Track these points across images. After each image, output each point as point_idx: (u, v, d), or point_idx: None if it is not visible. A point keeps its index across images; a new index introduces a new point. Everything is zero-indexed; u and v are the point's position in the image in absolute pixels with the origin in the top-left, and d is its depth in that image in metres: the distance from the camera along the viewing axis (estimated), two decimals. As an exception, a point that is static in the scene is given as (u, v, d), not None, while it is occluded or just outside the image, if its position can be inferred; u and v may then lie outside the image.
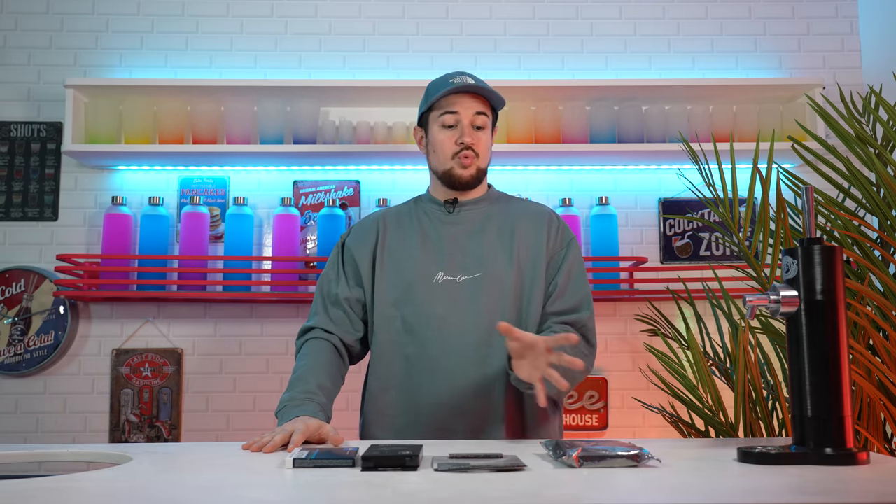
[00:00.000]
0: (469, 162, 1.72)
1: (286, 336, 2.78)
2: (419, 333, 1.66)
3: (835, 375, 1.17)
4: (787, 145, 2.19)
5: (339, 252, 1.80)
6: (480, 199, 1.79)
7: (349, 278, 1.75)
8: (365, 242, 1.77)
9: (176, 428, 2.72)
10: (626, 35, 2.95)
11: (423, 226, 1.76)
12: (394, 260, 1.73)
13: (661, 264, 2.85)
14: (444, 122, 1.73)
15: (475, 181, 1.76)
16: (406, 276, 1.70)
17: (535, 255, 1.72)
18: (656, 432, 2.73)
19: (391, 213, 1.84)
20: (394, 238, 1.76)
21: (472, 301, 1.66)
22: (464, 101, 1.73)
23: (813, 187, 1.30)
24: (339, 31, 2.91)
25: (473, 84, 1.72)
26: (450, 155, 1.73)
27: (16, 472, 1.27)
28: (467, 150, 1.72)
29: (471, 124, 1.73)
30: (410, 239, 1.75)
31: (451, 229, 1.75)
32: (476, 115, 1.73)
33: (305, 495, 1.00)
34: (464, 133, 1.71)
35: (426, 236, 1.74)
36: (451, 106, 1.73)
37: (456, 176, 1.74)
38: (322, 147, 2.70)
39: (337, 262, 1.79)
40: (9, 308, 2.74)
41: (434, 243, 1.73)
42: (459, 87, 1.71)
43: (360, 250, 1.76)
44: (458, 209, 1.77)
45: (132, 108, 2.72)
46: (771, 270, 1.91)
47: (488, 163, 1.79)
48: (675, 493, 0.98)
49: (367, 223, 1.82)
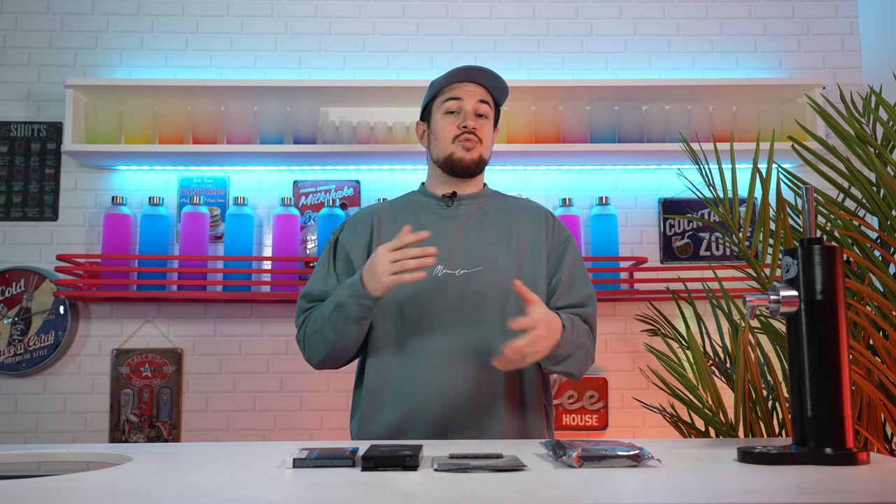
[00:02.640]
0: (472, 145, 1.72)
1: (286, 336, 2.78)
2: (418, 327, 1.65)
3: (835, 375, 1.17)
4: (787, 145, 2.19)
5: (332, 249, 1.78)
6: (478, 194, 1.79)
7: (340, 277, 1.73)
8: (359, 237, 1.75)
9: (176, 428, 2.72)
10: (626, 35, 2.95)
11: (421, 219, 1.75)
12: None
13: (661, 264, 2.85)
14: (447, 108, 1.74)
15: (476, 168, 1.75)
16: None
17: (534, 251, 1.72)
18: (656, 432, 2.73)
19: (385, 207, 1.82)
20: (389, 231, 1.73)
21: (472, 294, 1.66)
22: (467, 88, 1.74)
23: (813, 187, 1.30)
24: (339, 31, 2.91)
25: (477, 67, 1.74)
26: (451, 138, 1.73)
27: (16, 472, 1.27)
28: (470, 134, 1.72)
29: (473, 111, 1.74)
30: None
31: (449, 223, 1.74)
32: (479, 102, 1.74)
33: (305, 495, 1.00)
34: (467, 118, 1.72)
35: (423, 229, 1.71)
36: (454, 92, 1.74)
37: (457, 159, 1.73)
38: (322, 147, 2.70)
39: (328, 261, 1.76)
40: (9, 308, 2.74)
41: (432, 237, 1.70)
42: (464, 70, 1.74)
43: (354, 245, 1.74)
44: (456, 203, 1.76)
45: (132, 108, 2.72)
46: (771, 270, 1.91)
47: (489, 155, 1.79)
48: (675, 493, 0.98)
49: (361, 217, 1.80)
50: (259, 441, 2.63)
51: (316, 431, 2.73)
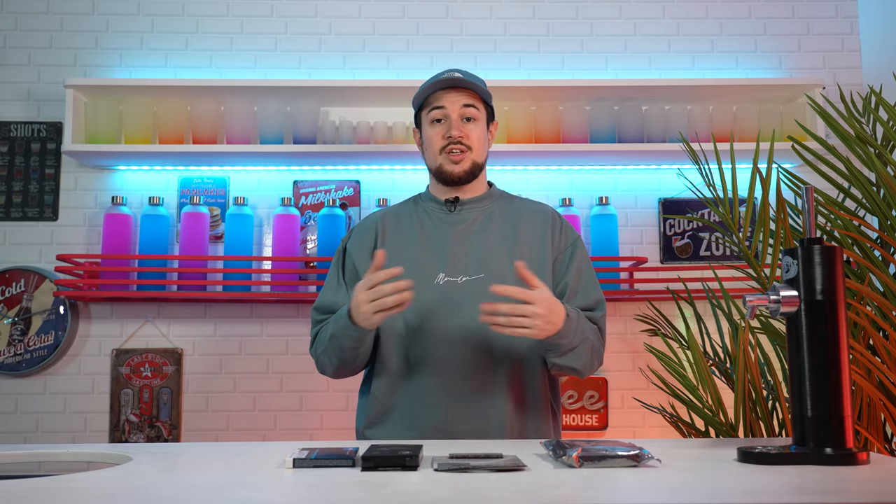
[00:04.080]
0: (459, 157, 1.71)
1: (286, 336, 2.78)
2: (421, 335, 1.64)
3: (835, 375, 1.17)
4: (787, 145, 2.19)
5: (341, 258, 1.78)
6: (481, 197, 1.77)
7: (349, 288, 1.73)
8: (364, 245, 1.75)
9: (176, 428, 2.72)
10: (626, 35, 2.95)
11: (424, 225, 1.75)
12: (393, 262, 1.68)
13: (661, 264, 2.85)
14: (432, 117, 1.73)
15: (468, 176, 1.73)
16: (406, 278, 1.66)
17: (539, 256, 1.70)
18: (656, 432, 2.73)
19: (390, 213, 1.82)
20: (393, 239, 1.74)
21: (474, 302, 1.62)
22: (450, 96, 1.71)
23: (813, 187, 1.30)
24: (339, 31, 2.91)
25: (456, 77, 1.71)
26: (438, 150, 1.72)
27: (16, 472, 1.27)
28: (456, 145, 1.70)
29: (460, 118, 1.71)
30: (411, 239, 1.73)
31: (452, 229, 1.73)
32: (464, 107, 1.71)
33: (305, 495, 1.00)
34: (451, 127, 1.70)
35: (427, 236, 1.73)
36: (438, 101, 1.72)
37: (446, 172, 1.72)
38: (322, 147, 2.70)
39: (337, 271, 1.78)
40: (9, 308, 2.74)
41: (435, 243, 1.71)
42: (442, 82, 1.71)
43: (360, 254, 1.74)
44: (459, 208, 1.75)
45: (132, 108, 2.72)
46: (771, 270, 1.91)
47: (485, 157, 1.77)
48: (675, 493, 0.98)
49: (367, 225, 1.80)
50: (259, 441, 2.63)
51: (316, 431, 2.73)
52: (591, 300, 1.69)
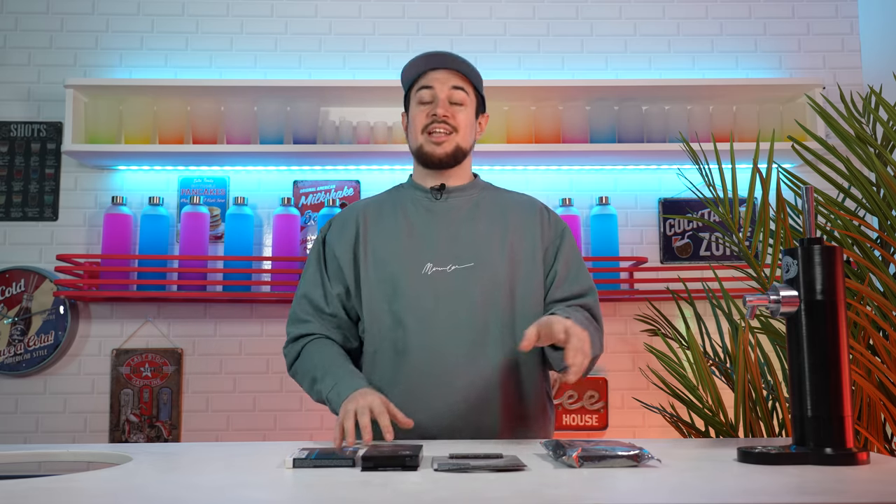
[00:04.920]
0: (441, 139, 1.65)
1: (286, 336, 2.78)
2: (409, 328, 1.59)
3: (835, 375, 1.17)
4: (787, 145, 2.19)
5: (321, 249, 1.72)
6: (468, 185, 1.72)
7: (332, 280, 1.68)
8: (344, 239, 1.69)
9: (176, 428, 2.72)
10: (625, 35, 2.95)
11: (408, 214, 1.69)
12: (377, 254, 1.65)
13: (661, 264, 2.85)
14: (420, 98, 1.68)
15: (450, 159, 1.67)
16: (391, 270, 1.62)
17: (529, 248, 1.65)
18: (656, 432, 2.73)
19: (371, 203, 1.75)
20: (375, 230, 1.68)
21: (465, 292, 1.59)
22: (438, 75, 1.67)
23: (813, 187, 1.30)
24: (339, 31, 2.91)
25: (442, 53, 1.67)
26: (420, 129, 1.67)
27: (16, 472, 1.27)
28: (441, 124, 1.64)
29: (447, 99, 1.66)
30: (393, 230, 1.67)
31: (438, 217, 1.67)
32: (453, 89, 1.67)
33: (305, 495, 1.00)
34: (437, 106, 1.65)
35: (412, 226, 1.67)
36: (426, 80, 1.68)
37: (427, 153, 1.67)
38: (322, 147, 2.70)
39: (318, 262, 1.70)
40: (9, 308, 2.74)
41: (420, 233, 1.65)
42: (431, 57, 1.66)
43: (341, 248, 1.68)
44: (445, 196, 1.69)
45: (132, 108, 2.72)
46: (771, 270, 1.91)
47: (470, 144, 1.71)
48: (675, 493, 0.98)
49: (347, 217, 1.73)
50: (259, 441, 2.63)
51: (316, 431, 2.73)
52: (581, 287, 1.66)
